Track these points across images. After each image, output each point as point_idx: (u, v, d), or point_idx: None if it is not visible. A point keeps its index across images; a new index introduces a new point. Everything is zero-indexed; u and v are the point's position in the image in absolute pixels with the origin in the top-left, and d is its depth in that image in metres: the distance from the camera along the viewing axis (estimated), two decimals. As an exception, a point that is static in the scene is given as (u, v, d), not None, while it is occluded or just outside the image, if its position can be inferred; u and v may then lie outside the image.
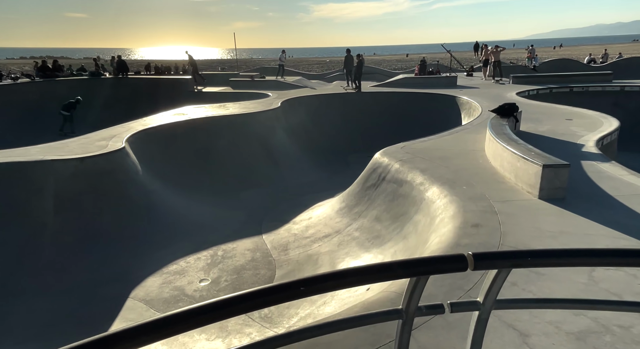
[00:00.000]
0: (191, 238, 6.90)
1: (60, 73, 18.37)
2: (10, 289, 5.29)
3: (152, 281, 5.49)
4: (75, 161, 7.13)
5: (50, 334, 4.40)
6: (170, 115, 11.72)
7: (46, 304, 5.01)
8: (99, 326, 4.43)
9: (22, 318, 4.81)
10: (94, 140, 8.51)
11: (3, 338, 4.35)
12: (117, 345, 0.99)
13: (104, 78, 19.01)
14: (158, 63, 26.07)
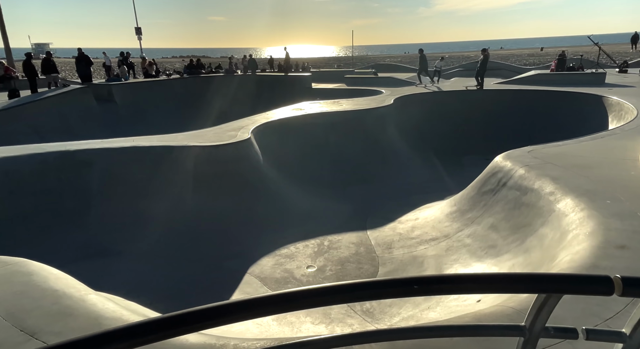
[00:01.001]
0: (301, 225, 7.34)
1: (202, 71, 21.17)
2: (155, 252, 6.38)
3: (266, 261, 6.04)
4: (210, 148, 8.17)
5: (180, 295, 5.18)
6: (289, 109, 12.56)
7: (179, 271, 5.90)
8: (223, 294, 5.06)
9: (158, 280, 5.74)
10: (225, 131, 9.62)
11: (141, 296, 5.22)
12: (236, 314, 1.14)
13: (235, 75, 21.27)
14: (281, 61, 28.07)
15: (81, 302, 2.77)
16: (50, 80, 15.35)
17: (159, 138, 8.85)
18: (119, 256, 6.25)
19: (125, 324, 1.17)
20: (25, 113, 12.45)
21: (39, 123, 12.41)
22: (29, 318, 2.58)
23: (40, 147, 7.78)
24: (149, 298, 4.52)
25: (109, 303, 2.89)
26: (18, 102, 13.26)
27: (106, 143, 8.11)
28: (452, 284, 1.36)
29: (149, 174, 7.54)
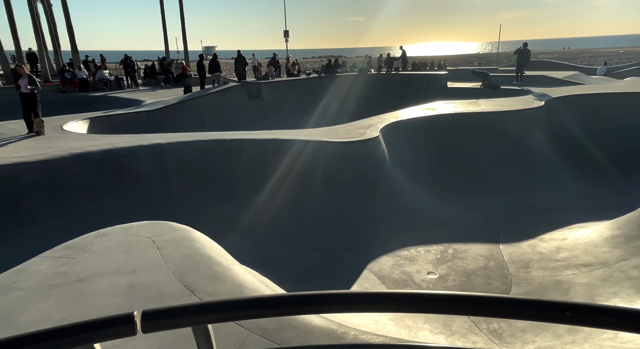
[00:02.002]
0: (423, 229, 7.09)
1: (339, 70, 22.11)
2: (284, 236, 6.99)
3: (385, 260, 6.04)
4: (340, 144, 8.51)
5: (304, 279, 5.57)
6: (420, 109, 12.17)
7: (305, 257, 6.33)
8: (342, 284, 5.27)
9: (286, 262, 6.26)
10: (355, 128, 9.88)
11: (272, 274, 5.73)
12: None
13: (370, 74, 21.59)
14: (416, 59, 27.36)
15: (228, 270, 3.22)
16: (214, 78, 18.06)
17: (296, 132, 9.60)
18: (254, 235, 7.04)
19: (272, 294, 1.33)
20: (194, 106, 14.94)
21: (204, 114, 14.74)
22: (190, 276, 3.11)
23: (204, 135, 9.25)
24: (277, 277, 4.98)
25: (249, 275, 3.29)
26: (190, 96, 15.98)
27: (253, 134, 9.17)
28: (620, 319, 1.15)
29: (285, 164, 8.27)
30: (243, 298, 1.26)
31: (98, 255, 3.50)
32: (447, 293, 1.21)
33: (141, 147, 8.10)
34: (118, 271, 3.19)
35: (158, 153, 8.15)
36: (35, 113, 8.98)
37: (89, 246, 3.72)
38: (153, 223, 4.34)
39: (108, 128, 10.92)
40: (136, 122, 12.08)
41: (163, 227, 4.19)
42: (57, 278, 3.08)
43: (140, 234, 3.98)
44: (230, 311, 1.26)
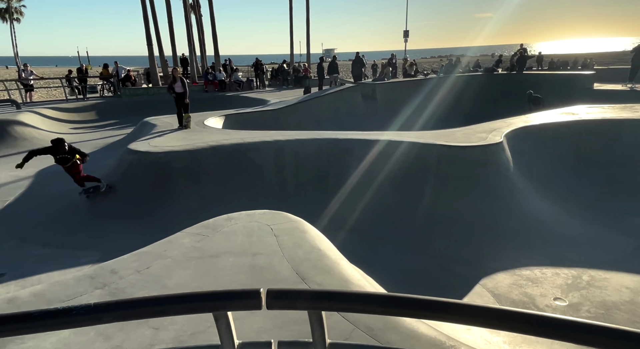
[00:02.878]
0: (551, 249, 6.26)
1: (460, 70, 20.85)
2: (391, 238, 6.91)
3: (502, 277, 5.51)
4: (457, 148, 8.03)
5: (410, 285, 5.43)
6: (557, 113, 10.73)
7: (412, 262, 6.16)
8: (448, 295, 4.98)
9: (393, 265, 6.17)
10: (476, 131, 9.20)
11: (377, 274, 5.69)
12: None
13: (496, 74, 19.85)
14: (554, 57, 24.17)
15: (336, 264, 3.34)
16: (331, 80, 18.76)
17: (408, 134, 9.38)
18: (359, 233, 7.12)
19: (385, 293, 1.35)
20: (312, 106, 15.77)
21: (320, 114, 15.45)
22: (301, 265, 3.31)
23: (319, 134, 9.70)
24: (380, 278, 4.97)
25: (355, 272, 3.36)
26: (308, 97, 16.91)
27: (364, 135, 9.27)
28: None
29: (395, 165, 8.16)
30: (357, 291, 1.31)
31: (226, 236, 3.98)
32: (595, 324, 1.05)
33: (264, 142, 8.88)
34: (242, 252, 3.57)
35: (278, 149, 8.84)
36: (185, 111, 10.54)
37: (219, 227, 4.24)
38: (272, 212, 4.73)
39: (239, 124, 12.24)
40: (262, 120, 13.28)
41: (280, 217, 4.54)
42: (194, 252, 3.59)
43: (261, 221, 4.39)
44: (344, 302, 1.32)
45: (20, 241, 6.24)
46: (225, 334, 1.49)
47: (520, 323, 1.14)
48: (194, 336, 2.37)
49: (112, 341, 2.33)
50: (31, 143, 12.15)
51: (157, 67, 21.39)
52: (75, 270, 5.09)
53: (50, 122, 14.53)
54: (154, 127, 10.86)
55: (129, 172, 8.17)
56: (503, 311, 1.17)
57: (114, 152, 10.29)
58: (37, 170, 9.60)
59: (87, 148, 11.92)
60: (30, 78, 17.87)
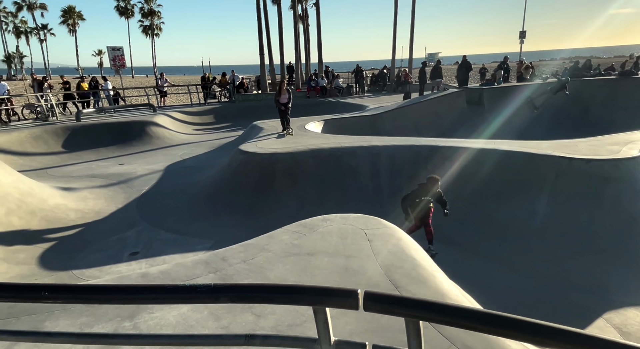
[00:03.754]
0: None
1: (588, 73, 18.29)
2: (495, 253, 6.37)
3: (633, 314, 4.67)
4: (580, 161, 7.08)
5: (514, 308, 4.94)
6: None
7: (517, 284, 5.60)
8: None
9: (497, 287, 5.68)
10: (605, 143, 8.00)
11: (476, 294, 5.29)
12: None
13: (634, 77, 16.97)
14: None
15: (432, 276, 3.22)
16: (434, 85, 18.08)
17: (520, 143, 8.56)
18: (456, 245, 6.72)
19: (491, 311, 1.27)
20: (411, 112, 15.40)
21: (419, 120, 15.00)
22: (395, 273, 3.27)
23: (417, 140, 9.44)
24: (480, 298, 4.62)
25: (452, 286, 3.20)
26: (408, 103, 16.55)
27: (467, 142, 8.73)
28: None
29: (500, 177, 7.51)
30: (462, 305, 1.26)
31: (322, 236, 4.12)
32: None
33: (361, 147, 8.96)
34: (336, 253, 3.67)
35: (374, 154, 8.84)
36: (287, 122, 10.99)
37: (316, 227, 4.42)
38: (366, 217, 4.76)
39: (337, 129, 12.56)
40: (359, 125, 13.43)
41: (374, 222, 4.54)
42: (293, 249, 3.81)
43: (355, 225, 4.45)
44: (446, 315, 1.28)
45: (150, 226, 7.33)
46: (322, 328, 1.57)
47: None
48: (290, 328, 2.52)
49: (221, 321, 2.61)
50: (162, 141, 14.17)
51: (267, 74, 23.13)
52: (191, 254, 5.78)
53: (178, 123, 16.74)
54: (261, 130, 11.76)
55: (238, 170, 8.99)
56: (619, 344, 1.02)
57: (227, 152, 11.41)
58: (165, 165, 11.14)
59: (205, 147, 13.48)
60: (165, 86, 20.86)
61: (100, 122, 14.28)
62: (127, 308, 2.76)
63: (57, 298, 1.59)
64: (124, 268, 5.72)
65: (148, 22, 62.26)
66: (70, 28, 61.17)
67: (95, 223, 7.39)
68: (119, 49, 20.90)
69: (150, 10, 61.50)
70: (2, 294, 1.64)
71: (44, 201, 7.63)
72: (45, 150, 12.38)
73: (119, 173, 10.35)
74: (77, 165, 11.52)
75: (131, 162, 11.66)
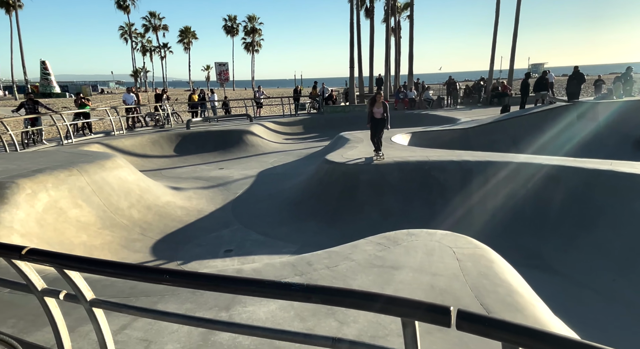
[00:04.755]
0: None
1: None
2: (606, 291, 5.55)
3: None
4: None
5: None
6: None
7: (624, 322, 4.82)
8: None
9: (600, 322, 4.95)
10: None
11: (584, 330, 4.67)
12: None
13: None
14: None
15: (530, 305, 2.95)
16: (538, 98, 16.56)
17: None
18: (560, 275, 6.01)
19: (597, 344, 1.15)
20: (508, 126, 14.29)
21: (518, 134, 13.84)
22: (487, 297, 3.07)
23: (514, 157, 8.72)
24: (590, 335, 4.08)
25: (555, 319, 2.89)
26: (506, 116, 15.39)
27: (576, 162, 7.81)
28: None
29: (614, 204, 6.55)
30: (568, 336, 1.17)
31: (406, 251, 4.05)
32: None
33: (451, 162, 8.58)
34: (421, 269, 3.58)
35: (466, 170, 8.38)
36: (380, 135, 9.87)
37: (400, 240, 4.35)
38: (455, 235, 4.55)
39: (425, 142, 12.21)
40: (449, 138, 12.87)
41: (464, 241, 4.32)
42: (376, 260, 3.80)
43: (442, 242, 4.28)
44: (550, 344, 1.19)
45: (243, 227, 7.91)
46: (410, 342, 1.56)
47: None
48: (373, 339, 2.53)
49: (307, 323, 2.72)
50: (256, 149, 15.22)
51: (355, 87, 23.49)
52: (278, 256, 6.11)
53: (270, 133, 17.85)
54: (347, 141, 11.96)
55: (324, 179, 9.26)
56: None
57: (314, 161, 11.83)
58: (258, 171, 11.94)
59: (294, 156, 14.14)
60: (261, 98, 22.46)
61: (205, 130, 15.89)
62: (224, 300, 3.03)
63: (175, 282, 1.84)
64: (219, 264, 6.25)
65: (250, 39, 67.85)
66: (185, 46, 69.40)
67: (197, 220, 8.22)
68: (224, 64, 23.13)
69: (253, 28, 67.01)
70: (134, 274, 1.95)
71: (158, 198, 8.73)
72: (160, 153, 14.17)
73: (218, 177, 11.38)
74: (185, 167, 12.96)
75: (229, 167, 12.74)
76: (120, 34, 66.00)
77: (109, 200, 7.64)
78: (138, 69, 69.84)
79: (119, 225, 7.26)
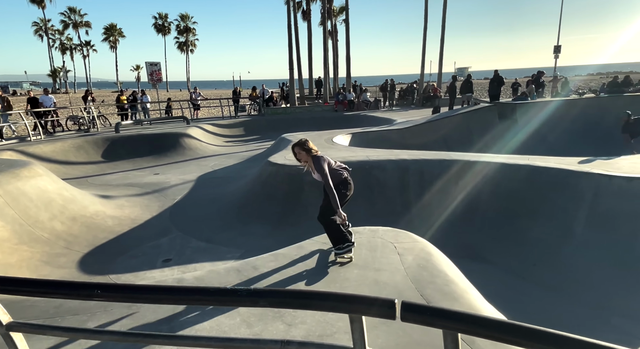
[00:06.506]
0: None
1: (626, 89, 17.59)
2: (534, 278, 6.14)
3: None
4: (621, 179, 6.76)
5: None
6: None
7: (559, 308, 5.38)
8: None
9: (535, 310, 5.47)
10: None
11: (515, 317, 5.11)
12: None
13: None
14: None
15: (465, 293, 3.16)
16: (464, 99, 17.85)
17: (556, 160, 8.29)
18: (491, 264, 6.52)
19: (534, 326, 1.26)
20: (440, 126, 15.23)
21: (449, 135, 14.81)
22: (426, 288, 3.23)
23: (447, 154, 9.31)
24: (517, 318, 4.46)
25: (487, 305, 3.12)
26: (438, 117, 16.39)
27: (500, 158, 8.53)
28: None
29: (533, 195, 7.28)
30: (504, 320, 1.25)
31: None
32: None
33: (389, 161, 8.93)
34: (366, 265, 3.67)
35: (403, 168, 8.77)
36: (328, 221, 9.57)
37: (345, 239, 4.42)
38: (395, 230, 4.74)
39: (365, 142, 12.58)
40: (387, 138, 13.39)
41: (404, 236, 4.51)
42: (322, 259, 3.83)
43: (384, 238, 4.43)
44: (485, 328, 1.28)
45: (183, 234, 7.55)
46: (358, 338, 1.59)
47: None
48: (321, 338, 2.54)
49: (253, 328, 2.66)
50: (195, 153, 14.62)
51: (295, 88, 23.56)
52: (221, 263, 5.91)
53: (210, 135, 17.26)
54: (290, 142, 11.94)
55: (268, 182, 9.15)
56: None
57: (257, 163, 11.65)
58: (197, 175, 11.48)
59: (235, 158, 13.80)
60: (198, 99, 21.64)
61: (137, 133, 14.94)
62: (163, 312, 2.86)
63: (109, 297, 1.69)
64: (157, 274, 5.90)
65: (183, 39, 65.12)
66: (112, 44, 64.77)
67: (131, 230, 7.68)
68: (156, 64, 21.92)
69: (186, 27, 64.39)
70: (59, 291, 1.76)
71: (84, 208, 8.02)
72: (86, 160, 13.05)
73: (153, 183, 10.75)
74: (115, 174, 12.06)
75: (165, 172, 12.09)
76: (34, 31, 59.91)
77: (26, 212, 6.87)
78: (57, 69, 63.82)
79: (39, 240, 6.55)
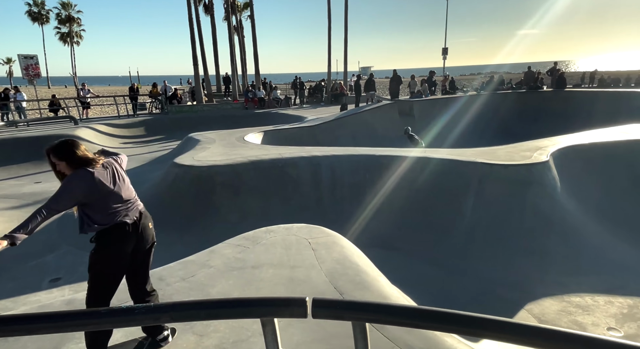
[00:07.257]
0: (604, 276, 5.86)
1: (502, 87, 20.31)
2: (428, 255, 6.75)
3: (549, 303, 5.21)
4: (499, 166, 7.79)
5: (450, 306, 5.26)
6: (608, 132, 10.20)
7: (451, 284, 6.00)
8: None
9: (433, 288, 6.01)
10: (519, 150, 8.89)
11: (416, 296, 5.56)
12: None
13: (540, 91, 19.19)
14: (604, 75, 23.00)
15: (375, 281, 3.32)
16: (368, 97, 18.88)
17: (448, 151, 9.22)
18: (396, 251, 7.01)
19: (431, 308, 1.35)
20: (348, 123, 15.90)
21: (356, 131, 15.53)
22: (339, 280, 3.33)
23: (356, 150, 9.75)
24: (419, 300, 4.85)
25: (394, 290, 3.32)
26: (345, 114, 17.08)
27: (402, 151, 9.20)
28: None
29: (431, 184, 8.02)
30: (405, 305, 1.32)
31: (266, 248, 4.07)
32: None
33: (302, 158, 9.03)
34: (281, 264, 3.64)
35: (315, 165, 8.95)
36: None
37: (259, 239, 4.35)
38: (309, 226, 4.79)
39: (277, 140, 12.54)
40: (299, 136, 13.54)
41: (318, 231, 4.59)
42: (236, 262, 3.71)
43: (299, 235, 4.46)
44: (390, 315, 1.34)
45: (74, 248, 6.67)
46: (271, 340, 1.55)
47: (568, 343, 1.11)
48: (235, 344, 2.44)
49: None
50: (86, 156, 13.04)
51: (202, 85, 22.47)
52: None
53: (103, 136, 15.57)
54: (197, 142, 11.35)
55: (174, 185, 8.56)
56: (551, 331, 1.15)
57: (160, 166, 10.84)
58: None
59: (136, 161, 12.66)
60: (87, 97, 19.34)
61: (11, 137, 12.82)
62: (50, 339, 2.48)
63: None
64: (43, 297, 5.13)
65: (66, 29, 57.58)
66: (-28, 31, 54.47)
67: (7, 249, 6.55)
68: (32, 57, 19.03)
69: (69, 16, 56.99)
70: None
71: (-60, 227, 6.62)
72: (-60, 169, 10.80)
73: (34, 193, 9.33)
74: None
75: (49, 180, 10.56)
76: None
77: None
78: None
79: None
